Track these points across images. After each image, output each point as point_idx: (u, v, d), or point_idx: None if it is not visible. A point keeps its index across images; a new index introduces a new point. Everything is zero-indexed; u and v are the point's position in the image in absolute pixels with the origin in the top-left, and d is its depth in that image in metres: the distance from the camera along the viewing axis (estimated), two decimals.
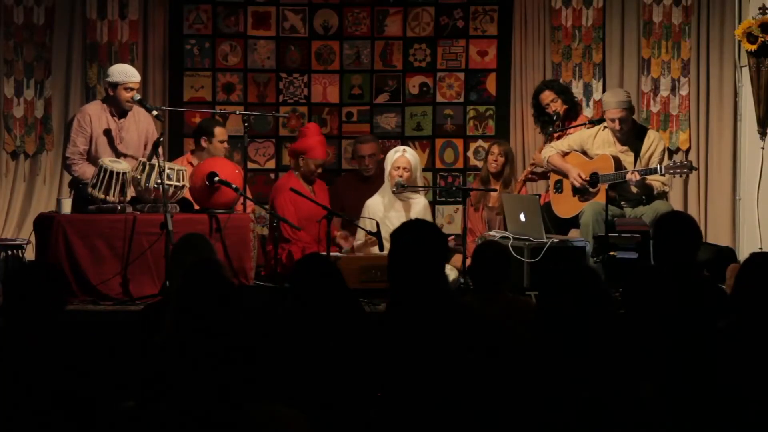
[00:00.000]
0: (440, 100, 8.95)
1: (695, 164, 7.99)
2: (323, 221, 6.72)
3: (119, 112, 7.09)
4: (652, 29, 8.66)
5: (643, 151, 7.26)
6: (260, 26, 8.87)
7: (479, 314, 3.98)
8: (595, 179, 7.25)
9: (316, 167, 7.53)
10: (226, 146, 7.72)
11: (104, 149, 7.03)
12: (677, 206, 8.31)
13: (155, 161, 6.59)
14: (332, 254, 6.68)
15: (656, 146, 7.28)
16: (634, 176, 7.04)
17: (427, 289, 3.83)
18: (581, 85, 8.65)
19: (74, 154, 7.04)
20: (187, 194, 6.85)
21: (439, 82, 8.93)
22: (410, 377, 3.74)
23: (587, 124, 7.70)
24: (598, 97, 8.57)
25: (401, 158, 7.23)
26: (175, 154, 8.37)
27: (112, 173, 6.57)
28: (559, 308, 3.58)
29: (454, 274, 6.73)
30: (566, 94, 7.94)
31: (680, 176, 7.62)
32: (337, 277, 4.35)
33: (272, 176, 8.79)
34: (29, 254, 7.13)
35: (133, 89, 7.04)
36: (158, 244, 6.48)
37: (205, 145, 7.67)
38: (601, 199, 7.08)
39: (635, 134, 7.32)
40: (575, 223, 7.32)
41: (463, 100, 8.94)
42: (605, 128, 7.36)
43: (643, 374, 3.68)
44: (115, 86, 7.05)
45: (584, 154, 7.40)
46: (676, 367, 3.94)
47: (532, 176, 8.09)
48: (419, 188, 7.35)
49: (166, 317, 3.92)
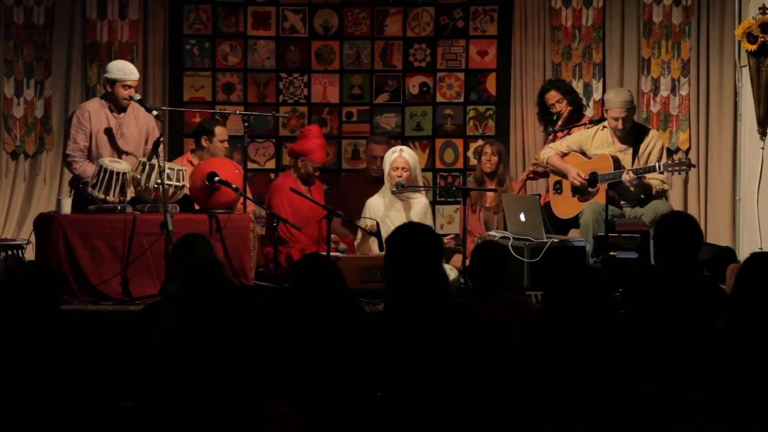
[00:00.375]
0: (440, 100, 8.94)
1: (695, 164, 7.98)
2: (323, 221, 6.72)
3: (118, 108, 7.09)
4: (652, 29, 8.66)
5: (641, 150, 7.26)
6: (260, 26, 8.87)
7: (479, 314, 3.98)
8: (594, 179, 7.24)
9: (314, 170, 7.52)
10: (226, 146, 7.72)
11: (104, 146, 7.03)
12: (677, 206, 8.31)
13: (155, 161, 6.60)
14: (332, 254, 6.68)
15: (654, 144, 7.27)
16: (629, 176, 7.03)
17: (425, 289, 3.83)
18: (581, 85, 8.64)
19: (75, 151, 7.03)
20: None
21: (439, 82, 8.93)
22: (410, 377, 3.74)
23: (587, 124, 7.70)
24: (598, 97, 8.57)
25: (399, 158, 7.22)
26: (175, 154, 8.36)
27: (112, 173, 6.57)
28: (564, 308, 3.58)
29: (454, 274, 6.73)
30: (572, 95, 7.92)
31: (679, 174, 7.61)
32: (337, 277, 4.35)
33: (272, 176, 8.78)
34: (29, 254, 7.12)
35: (131, 87, 7.04)
36: (158, 244, 6.48)
37: (205, 144, 7.67)
38: (600, 199, 7.08)
39: (634, 133, 7.32)
40: (575, 223, 7.32)
41: (463, 100, 8.93)
42: (604, 128, 7.35)
43: (643, 374, 3.68)
44: (113, 83, 7.05)
45: (583, 154, 7.40)
46: (676, 367, 3.94)
47: (533, 176, 8.09)
48: (419, 188, 7.34)
49: (166, 317, 3.92)
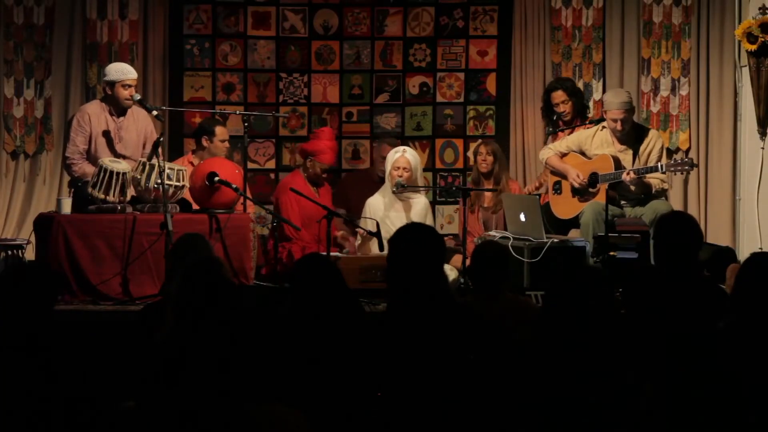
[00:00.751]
0: (440, 100, 8.94)
1: (696, 164, 7.98)
2: (323, 221, 6.73)
3: (118, 110, 7.09)
4: (652, 29, 8.66)
5: (641, 150, 7.26)
6: (260, 26, 8.86)
7: (479, 314, 3.98)
8: (594, 179, 7.24)
9: (322, 171, 7.57)
10: (227, 146, 7.72)
11: (103, 149, 7.03)
12: (677, 206, 8.31)
13: (155, 161, 6.59)
14: (332, 254, 6.68)
15: (654, 144, 7.27)
16: (629, 176, 7.03)
17: (426, 290, 3.83)
18: (581, 85, 8.63)
19: (74, 153, 7.04)
20: (186, 194, 6.85)
21: (439, 82, 8.93)
22: (410, 377, 3.74)
23: (587, 123, 7.70)
24: (598, 97, 8.57)
25: (401, 158, 7.23)
26: (175, 154, 8.36)
27: (112, 173, 6.57)
28: (564, 308, 3.58)
29: (454, 274, 6.73)
30: (578, 96, 7.90)
31: (680, 174, 7.61)
32: (337, 277, 4.35)
33: (272, 176, 8.79)
34: (29, 254, 7.12)
35: (131, 86, 7.04)
36: (158, 244, 6.48)
37: (206, 144, 7.67)
38: (600, 199, 7.08)
39: (634, 134, 7.32)
40: (575, 223, 7.32)
41: (463, 100, 8.93)
42: (603, 128, 7.35)
43: (643, 374, 3.68)
44: (112, 84, 7.06)
45: (583, 154, 7.40)
46: (676, 367, 3.94)
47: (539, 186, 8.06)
48: (419, 188, 7.35)
49: (166, 317, 3.92)
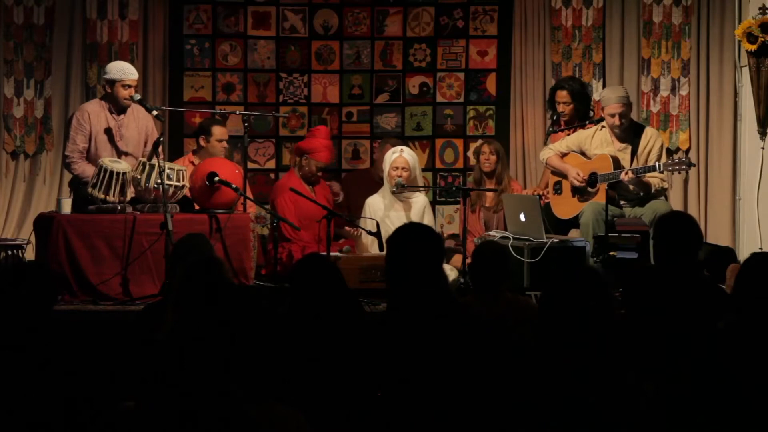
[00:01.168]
0: (440, 100, 8.94)
1: (695, 163, 7.97)
2: (323, 221, 6.72)
3: (118, 108, 7.09)
4: (652, 29, 8.66)
5: (640, 149, 7.26)
6: (260, 26, 8.87)
7: (479, 314, 3.98)
8: (594, 179, 7.24)
9: (317, 169, 7.53)
10: (224, 145, 7.71)
11: (104, 147, 7.02)
12: (677, 206, 8.31)
13: (155, 161, 6.59)
14: (332, 254, 6.68)
15: (654, 143, 7.28)
16: (627, 176, 7.03)
17: (425, 289, 3.83)
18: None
19: (74, 152, 7.03)
20: (186, 194, 6.85)
21: (439, 82, 8.93)
22: (410, 377, 3.74)
23: (587, 123, 7.69)
24: (598, 97, 8.56)
25: (399, 158, 7.23)
26: (175, 154, 8.36)
27: (112, 173, 6.57)
28: (564, 308, 3.57)
29: (454, 274, 6.73)
30: (582, 102, 7.86)
31: (679, 173, 7.61)
32: (337, 277, 4.35)
33: (272, 176, 8.79)
34: (29, 254, 7.12)
35: (130, 86, 7.03)
36: (158, 244, 6.48)
37: (203, 144, 7.67)
38: (600, 199, 7.08)
39: (633, 132, 7.32)
40: (575, 223, 7.32)
41: (463, 100, 8.93)
42: (603, 128, 7.35)
43: (643, 374, 3.68)
44: (112, 83, 7.05)
45: (582, 154, 7.40)
46: (676, 367, 3.94)
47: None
48: (418, 188, 7.35)
49: (166, 317, 3.92)
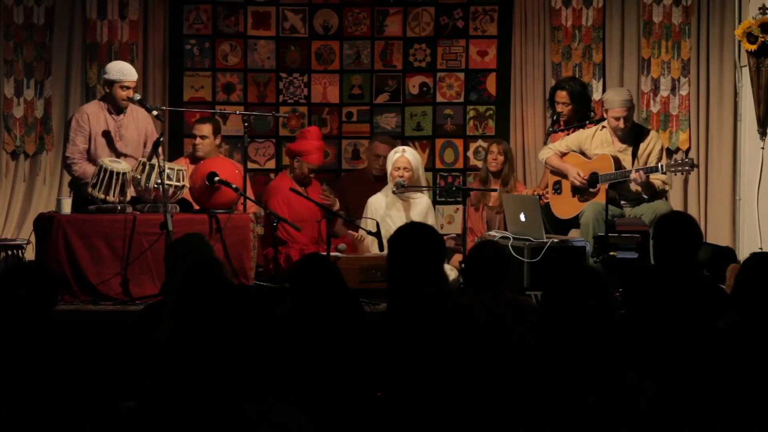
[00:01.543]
0: (440, 100, 8.94)
1: (697, 164, 7.97)
2: (323, 221, 6.72)
3: (117, 109, 7.10)
4: (652, 29, 8.65)
5: (641, 150, 7.26)
6: (260, 26, 8.86)
7: (479, 314, 3.98)
8: (594, 179, 7.24)
9: (309, 171, 7.54)
10: (209, 142, 7.69)
11: (103, 148, 7.03)
12: (677, 206, 8.31)
13: (155, 161, 6.60)
14: (332, 254, 6.68)
15: (654, 144, 7.28)
16: (639, 175, 7.01)
17: (426, 289, 3.83)
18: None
19: (74, 153, 7.03)
20: (186, 195, 6.85)
21: (439, 82, 8.93)
22: (410, 377, 3.74)
23: (587, 123, 7.68)
24: (598, 97, 8.56)
25: (401, 158, 7.23)
26: (175, 154, 8.36)
27: (112, 173, 6.57)
28: (564, 308, 3.57)
29: (454, 274, 6.73)
30: (582, 105, 7.84)
31: (681, 174, 7.60)
32: (337, 277, 4.35)
33: (272, 176, 8.78)
34: (29, 254, 7.13)
35: (129, 88, 7.04)
36: (158, 244, 6.48)
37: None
38: (600, 199, 7.08)
39: (633, 133, 7.32)
40: (575, 223, 7.32)
41: (463, 100, 8.93)
42: (603, 128, 7.35)
43: (643, 374, 3.68)
44: (111, 84, 7.06)
45: (583, 154, 7.39)
46: (676, 367, 3.94)
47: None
48: (419, 188, 7.34)
49: (166, 317, 3.92)
